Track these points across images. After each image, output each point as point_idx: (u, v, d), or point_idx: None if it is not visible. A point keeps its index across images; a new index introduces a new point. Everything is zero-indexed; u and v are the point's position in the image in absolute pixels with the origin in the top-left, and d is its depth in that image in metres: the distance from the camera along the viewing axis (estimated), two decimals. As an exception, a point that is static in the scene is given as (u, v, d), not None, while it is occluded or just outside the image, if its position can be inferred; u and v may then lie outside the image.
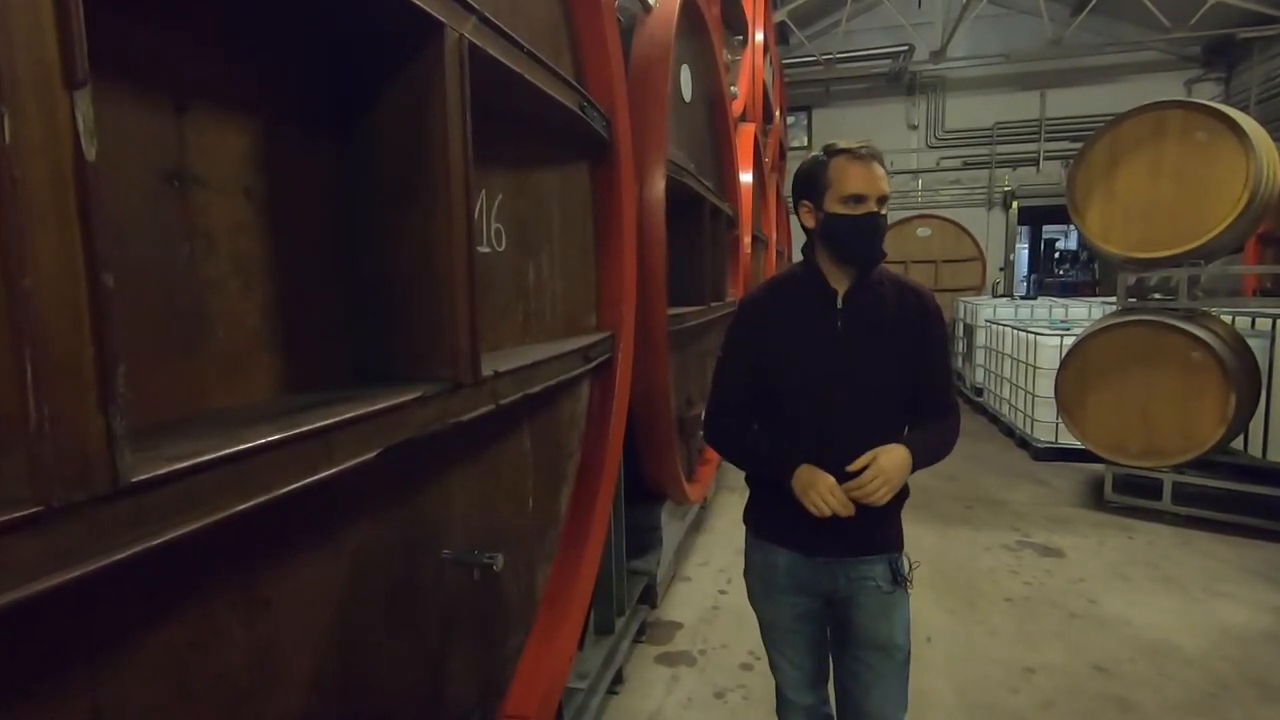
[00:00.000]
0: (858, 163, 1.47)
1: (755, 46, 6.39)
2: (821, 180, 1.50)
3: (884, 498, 1.45)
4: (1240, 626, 3.21)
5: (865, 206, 1.47)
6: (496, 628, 1.64)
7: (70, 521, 0.57)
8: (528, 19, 1.64)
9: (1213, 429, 4.33)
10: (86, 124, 0.55)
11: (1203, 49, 10.98)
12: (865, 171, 1.46)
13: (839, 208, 1.48)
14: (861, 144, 1.48)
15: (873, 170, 1.47)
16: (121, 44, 0.77)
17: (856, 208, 1.47)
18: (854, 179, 1.46)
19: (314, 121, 1.08)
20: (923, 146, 12.57)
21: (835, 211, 1.49)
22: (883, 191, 1.47)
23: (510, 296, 1.68)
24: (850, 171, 1.47)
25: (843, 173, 1.47)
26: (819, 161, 1.52)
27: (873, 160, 1.47)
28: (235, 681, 0.88)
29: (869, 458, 1.46)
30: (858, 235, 1.49)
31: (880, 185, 1.47)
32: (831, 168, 1.49)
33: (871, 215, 1.48)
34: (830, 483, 1.47)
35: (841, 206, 1.48)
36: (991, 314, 8.20)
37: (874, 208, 1.47)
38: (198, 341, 0.89)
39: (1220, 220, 4.20)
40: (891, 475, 1.45)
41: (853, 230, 1.49)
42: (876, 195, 1.47)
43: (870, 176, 1.47)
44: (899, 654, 1.60)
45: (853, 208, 1.47)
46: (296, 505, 0.82)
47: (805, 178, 1.55)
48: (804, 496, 1.49)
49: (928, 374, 1.58)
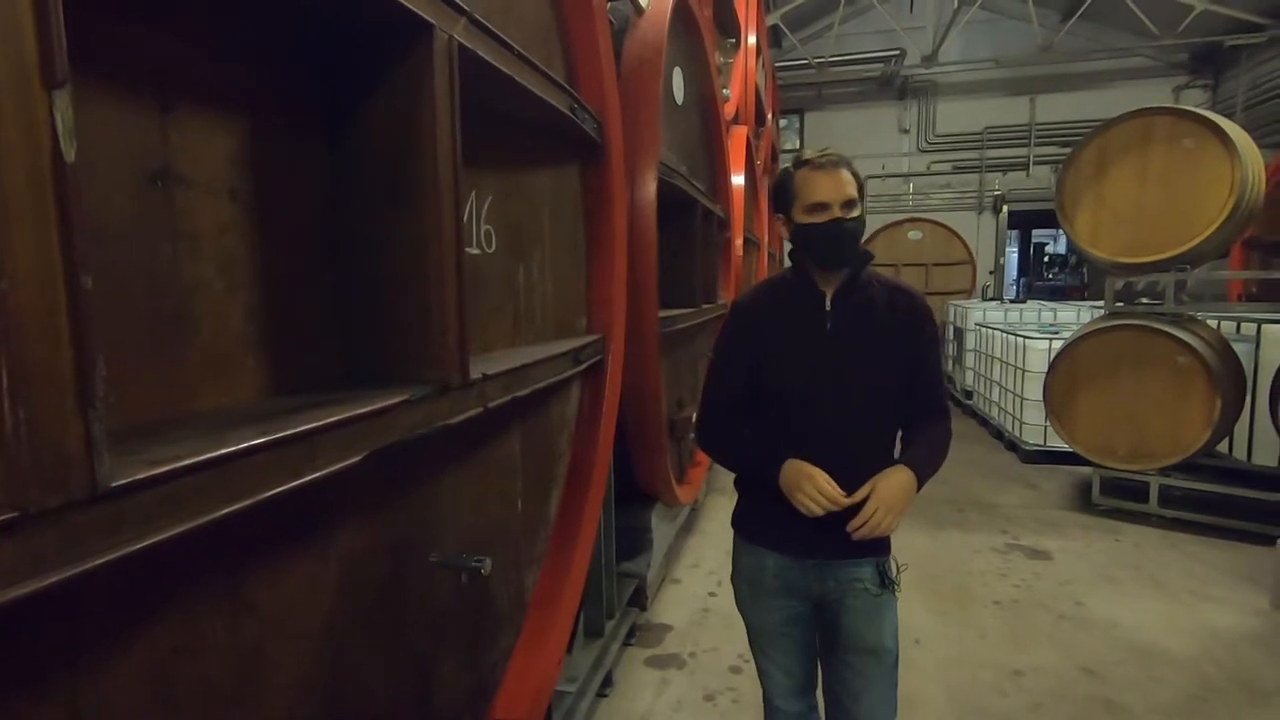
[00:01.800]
0: (819, 172, 1.50)
1: (748, 49, 6.41)
2: (789, 192, 1.54)
3: (891, 526, 1.45)
4: (1227, 629, 3.24)
5: (829, 214, 1.49)
6: (485, 631, 1.63)
7: (46, 527, 0.56)
8: (519, 21, 1.64)
9: (1199, 432, 4.38)
10: (65, 125, 0.54)
11: (1190, 56, 11.10)
12: (826, 179, 1.49)
13: (804, 217, 1.52)
14: (823, 153, 1.51)
15: (834, 176, 1.49)
16: (104, 42, 0.76)
17: (820, 215, 1.49)
18: (815, 188, 1.49)
19: (302, 122, 1.07)
20: (914, 150, 12.64)
21: (802, 221, 1.53)
22: (847, 196, 1.49)
23: (500, 298, 1.67)
24: (812, 181, 1.50)
25: (806, 183, 1.51)
26: (787, 174, 1.55)
27: (835, 167, 1.49)
28: (219, 686, 0.87)
29: (868, 488, 1.47)
30: (823, 242, 1.52)
31: (843, 190, 1.48)
32: (797, 179, 1.52)
33: (834, 222, 1.49)
34: (819, 479, 1.47)
35: (806, 216, 1.51)
36: (981, 317, 8.25)
37: (838, 214, 1.49)
38: (181, 343, 0.88)
39: (1206, 226, 4.24)
40: (893, 502, 1.45)
41: (818, 238, 1.51)
42: (840, 200, 1.48)
43: (831, 183, 1.48)
44: (888, 658, 1.60)
45: (817, 215, 1.50)
46: (281, 509, 0.82)
47: (777, 190, 1.58)
48: (792, 497, 1.49)
49: (919, 375, 1.59)
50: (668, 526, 3.81)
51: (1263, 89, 9.90)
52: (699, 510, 4.78)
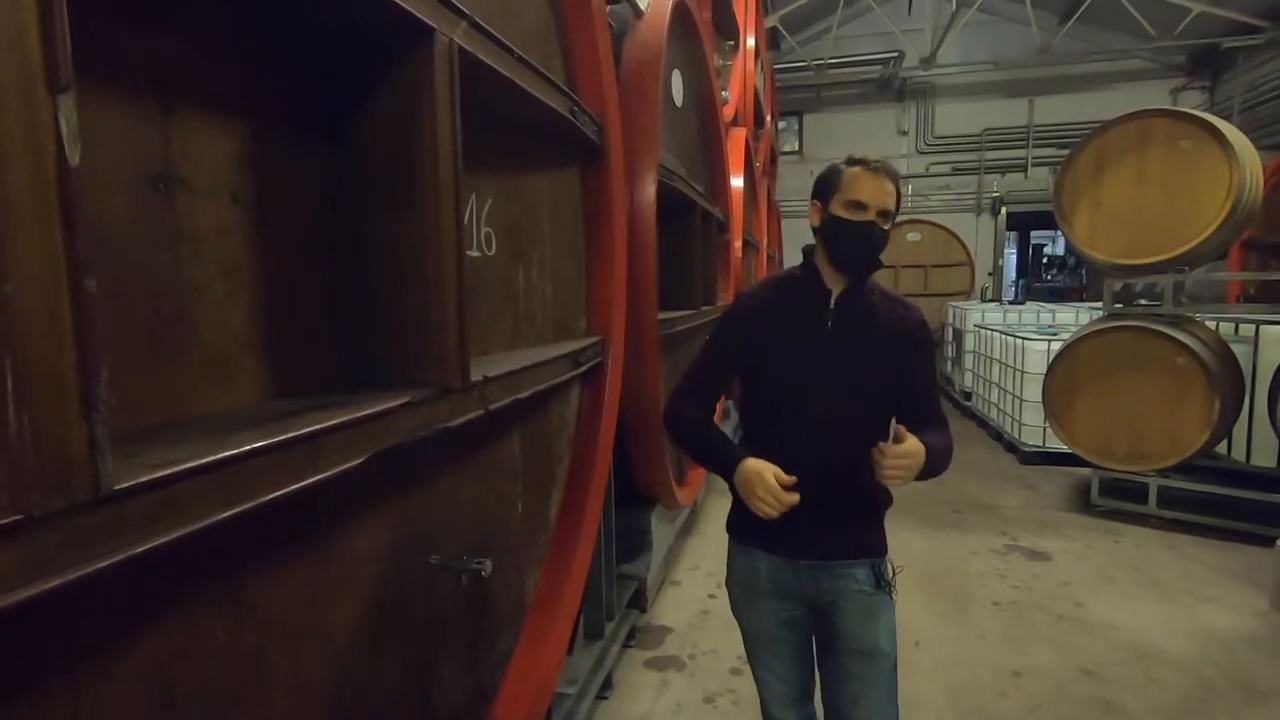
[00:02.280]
0: (868, 173, 1.52)
1: (746, 51, 6.42)
2: (834, 183, 1.56)
3: (894, 478, 1.41)
4: (1225, 630, 3.24)
5: (864, 214, 1.51)
6: (485, 633, 1.63)
7: (50, 530, 0.56)
8: (519, 23, 1.64)
9: (1197, 434, 4.38)
10: (70, 128, 0.55)
11: (1188, 58, 11.12)
12: (873, 182, 1.51)
13: (841, 211, 1.53)
14: (878, 160, 1.54)
15: (880, 183, 1.51)
16: (107, 46, 0.76)
17: (856, 213, 1.51)
18: (860, 187, 1.51)
19: (303, 125, 1.08)
20: (912, 152, 12.65)
21: (836, 214, 1.54)
22: (885, 205, 1.51)
23: (500, 301, 1.67)
24: (859, 179, 1.52)
25: (852, 179, 1.53)
26: (837, 168, 1.57)
27: (883, 174, 1.52)
28: (220, 689, 0.87)
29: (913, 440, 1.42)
30: (850, 240, 1.53)
31: (884, 199, 1.51)
32: (845, 174, 1.54)
33: (867, 224, 1.51)
34: (767, 477, 1.43)
35: (843, 210, 1.53)
36: (980, 319, 8.24)
37: (872, 217, 1.51)
38: (183, 346, 0.88)
39: (1204, 227, 4.25)
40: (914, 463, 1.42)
41: (847, 234, 1.53)
42: (878, 207, 1.51)
43: (876, 188, 1.51)
44: (885, 661, 1.59)
45: (852, 213, 1.52)
46: (283, 511, 0.82)
47: (823, 179, 1.60)
48: (748, 501, 1.47)
49: (915, 387, 1.60)
50: (667, 528, 3.81)
51: (1260, 91, 9.92)
52: (698, 512, 4.78)
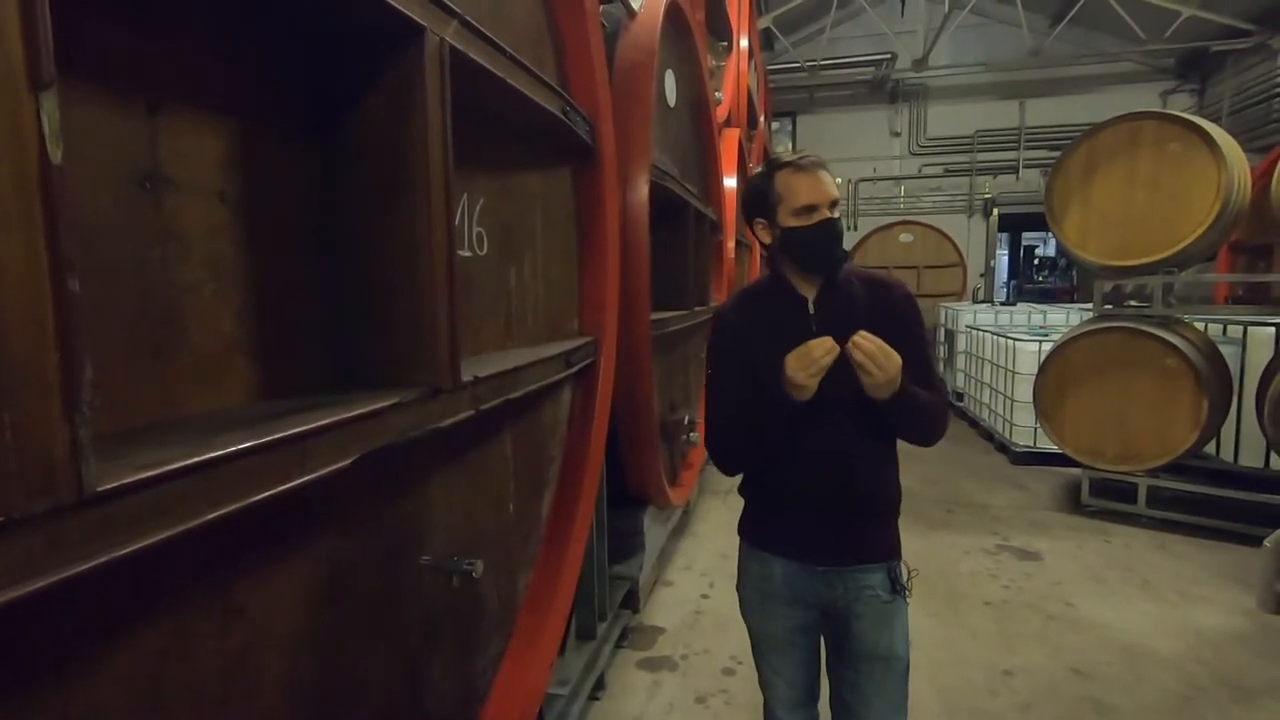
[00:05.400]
0: (803, 174, 1.48)
1: (740, 52, 6.42)
2: (771, 196, 1.51)
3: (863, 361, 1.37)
4: (1214, 629, 3.27)
5: (819, 215, 1.47)
6: (477, 634, 1.63)
7: (33, 532, 0.55)
8: (511, 23, 1.64)
9: (1186, 434, 4.42)
10: (52, 126, 0.54)
11: (1177, 61, 11.21)
12: (813, 181, 1.47)
13: (794, 220, 1.49)
14: (802, 154, 1.49)
15: (819, 178, 1.47)
16: (91, 43, 0.75)
17: (811, 217, 1.48)
18: (804, 190, 1.47)
19: (292, 124, 1.07)
20: (905, 153, 12.70)
21: (790, 225, 1.50)
22: (832, 197, 1.48)
23: (492, 301, 1.67)
24: (798, 183, 1.48)
25: (790, 186, 1.48)
26: (765, 177, 1.52)
27: (817, 168, 1.48)
28: (208, 690, 0.86)
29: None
30: (817, 244, 1.50)
31: (829, 191, 1.48)
32: (779, 182, 1.50)
33: (827, 222, 1.48)
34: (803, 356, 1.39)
35: (795, 219, 1.49)
36: (972, 319, 8.28)
37: (827, 214, 1.48)
38: (171, 346, 0.87)
39: (1193, 229, 4.28)
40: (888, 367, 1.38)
41: (811, 240, 1.49)
42: (827, 202, 1.47)
43: (818, 185, 1.47)
44: (899, 664, 1.57)
45: (807, 218, 1.48)
46: (271, 512, 0.81)
47: (755, 195, 1.55)
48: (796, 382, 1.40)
49: (910, 362, 1.54)
50: (660, 529, 3.81)
51: (1248, 94, 10.00)
52: (691, 512, 4.78)
